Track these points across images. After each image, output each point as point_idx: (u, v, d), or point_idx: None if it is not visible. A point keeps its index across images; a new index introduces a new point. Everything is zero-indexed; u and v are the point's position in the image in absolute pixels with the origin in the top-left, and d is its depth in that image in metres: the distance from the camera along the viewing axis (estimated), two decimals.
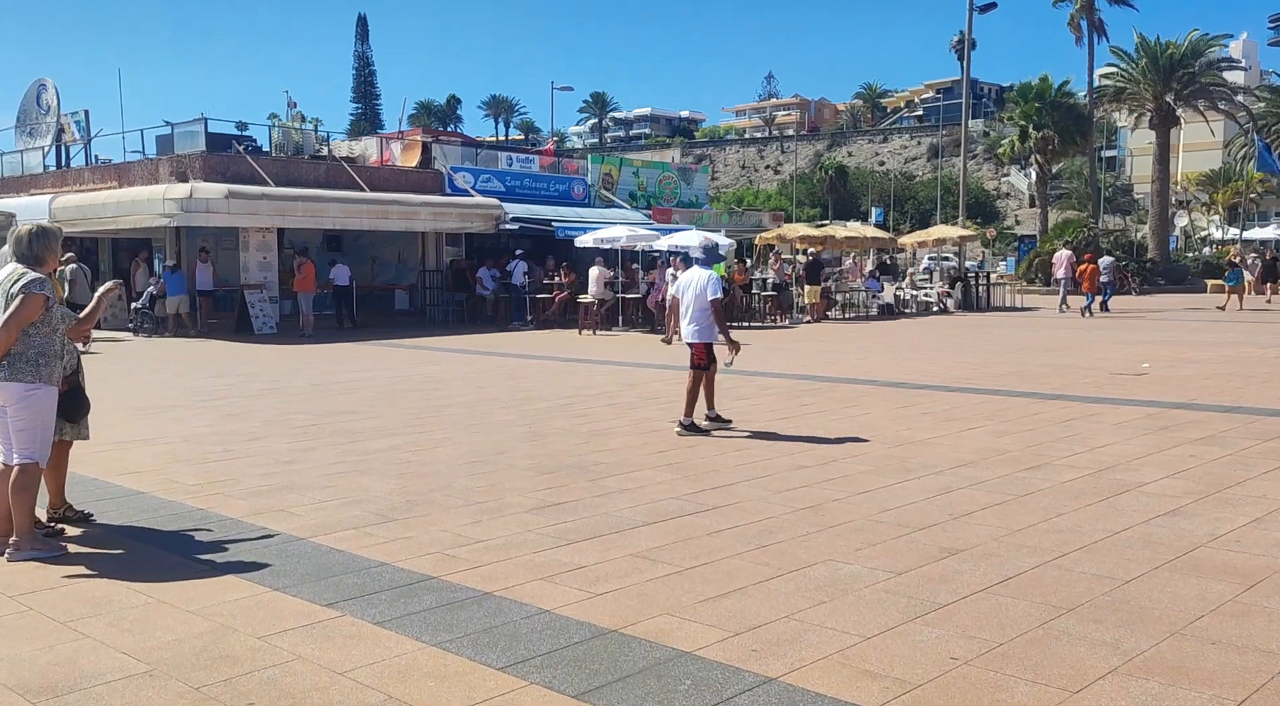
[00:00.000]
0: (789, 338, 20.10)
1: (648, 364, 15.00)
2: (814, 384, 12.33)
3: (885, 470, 7.22)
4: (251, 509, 6.29)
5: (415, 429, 9.38)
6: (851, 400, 10.84)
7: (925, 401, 10.66)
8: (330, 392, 12.08)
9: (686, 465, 7.54)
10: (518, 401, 11.15)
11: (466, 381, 13.14)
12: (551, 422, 9.61)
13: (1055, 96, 38.62)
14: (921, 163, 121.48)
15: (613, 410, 10.40)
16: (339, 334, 21.36)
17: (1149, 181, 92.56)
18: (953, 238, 29.99)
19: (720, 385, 11.83)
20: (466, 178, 26.14)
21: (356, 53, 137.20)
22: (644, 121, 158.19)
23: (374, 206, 22.50)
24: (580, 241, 22.94)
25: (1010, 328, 21.74)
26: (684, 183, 31.76)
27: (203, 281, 21.39)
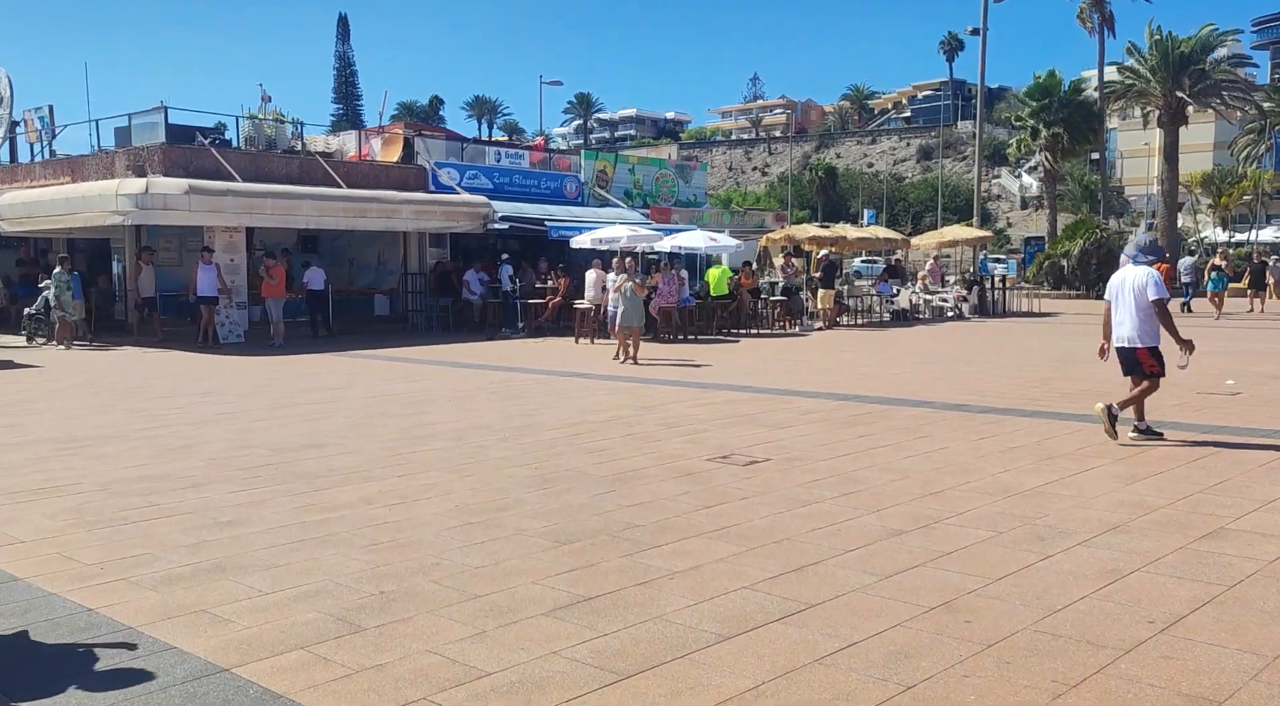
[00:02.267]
0: (806, 347, 18.42)
1: (658, 380, 13.27)
2: (859, 406, 10.63)
3: (1011, 537, 5.52)
4: (161, 608, 4.52)
5: (394, 470, 7.61)
6: (915, 428, 9.14)
7: (1003, 429, 8.97)
8: (295, 418, 10.28)
9: (746, 528, 5.81)
10: (516, 430, 9.39)
11: (453, 403, 11.37)
12: (561, 462, 7.86)
13: (1065, 94, 37.17)
14: (911, 164, 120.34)
15: (632, 443, 8.66)
16: (312, 343, 19.52)
17: (1142, 183, 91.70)
18: (965, 239, 28.43)
19: (751, 409, 10.16)
20: (452, 174, 24.34)
21: (337, 53, 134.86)
22: (629, 122, 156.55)
23: (351, 204, 20.67)
24: (576, 242, 21.20)
25: (1042, 335, 20.14)
26: (682, 180, 30.07)
27: (205, 286, 18.83)
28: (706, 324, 21.28)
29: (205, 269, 18.90)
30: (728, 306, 21.57)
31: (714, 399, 11.34)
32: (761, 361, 15.70)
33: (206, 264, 18.91)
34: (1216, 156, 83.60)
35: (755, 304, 22.47)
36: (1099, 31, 39.45)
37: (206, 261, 18.98)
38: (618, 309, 15.57)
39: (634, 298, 15.51)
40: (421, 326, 23.35)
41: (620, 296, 15.55)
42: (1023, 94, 38.13)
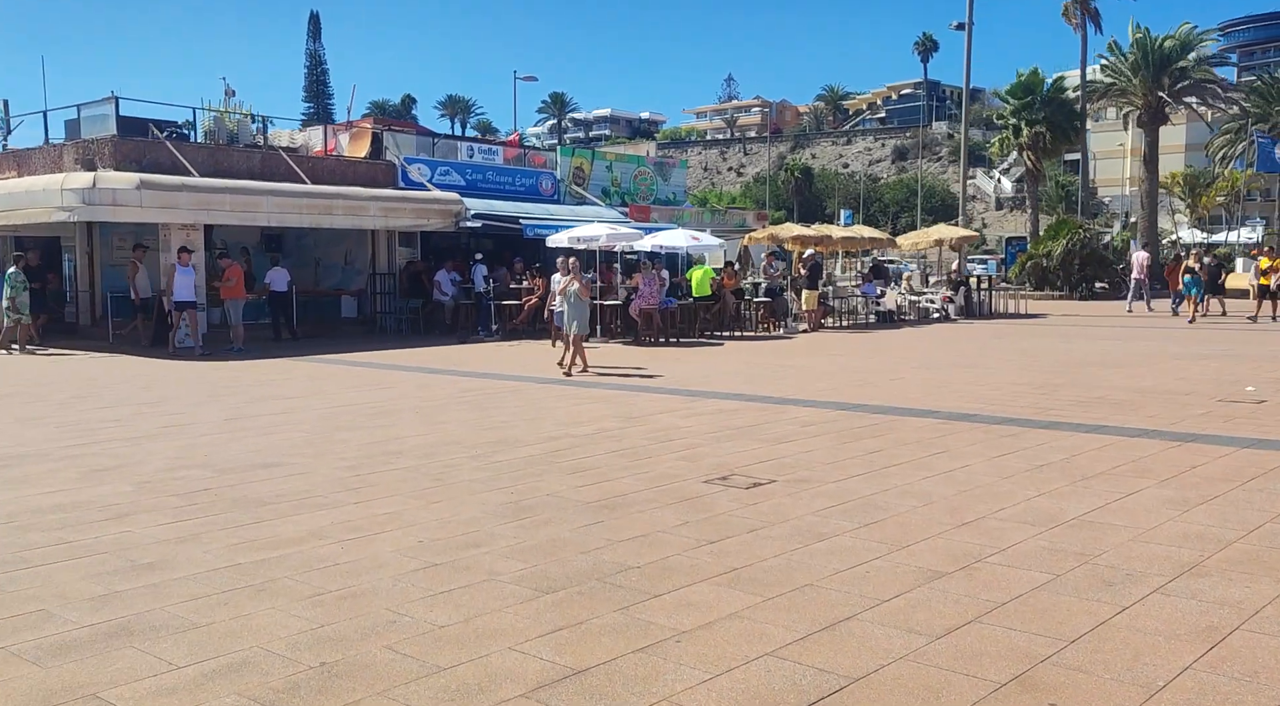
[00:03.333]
0: (793, 351, 17.63)
1: (643, 388, 12.41)
2: (862, 417, 9.82)
3: (1072, 582, 4.71)
4: (39, 692, 3.60)
5: (350, 495, 6.71)
6: (928, 442, 8.35)
7: (1025, 444, 8.19)
8: (245, 432, 9.32)
9: (758, 570, 4.97)
10: (489, 446, 8.50)
11: (422, 413, 10.45)
12: (540, 484, 6.99)
13: (1048, 92, 36.70)
14: (886, 165, 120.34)
15: (619, 460, 7.80)
16: (275, 347, 18.48)
17: (1115, 184, 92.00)
18: (951, 239, 27.80)
19: (746, 420, 9.28)
20: (422, 170, 23.34)
21: (308, 50, 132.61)
22: (604, 122, 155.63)
23: (315, 201, 19.64)
24: (553, 241, 20.29)
25: (1034, 338, 19.48)
26: (661, 178, 29.23)
27: (183, 290, 17.02)
28: (689, 326, 20.45)
29: (184, 271, 17.06)
30: (710, 308, 20.75)
31: (704, 408, 10.50)
32: (749, 366, 14.88)
33: (185, 265, 17.12)
34: (1189, 158, 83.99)
35: (738, 305, 21.67)
36: (1083, 28, 39.06)
37: (185, 263, 17.15)
38: (562, 314, 13.87)
39: (579, 302, 13.65)
40: (391, 329, 22.34)
41: (564, 300, 13.87)
42: (1005, 92, 37.59)
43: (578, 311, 13.59)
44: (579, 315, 13.59)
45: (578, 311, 13.59)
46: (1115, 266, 36.02)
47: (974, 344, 18.31)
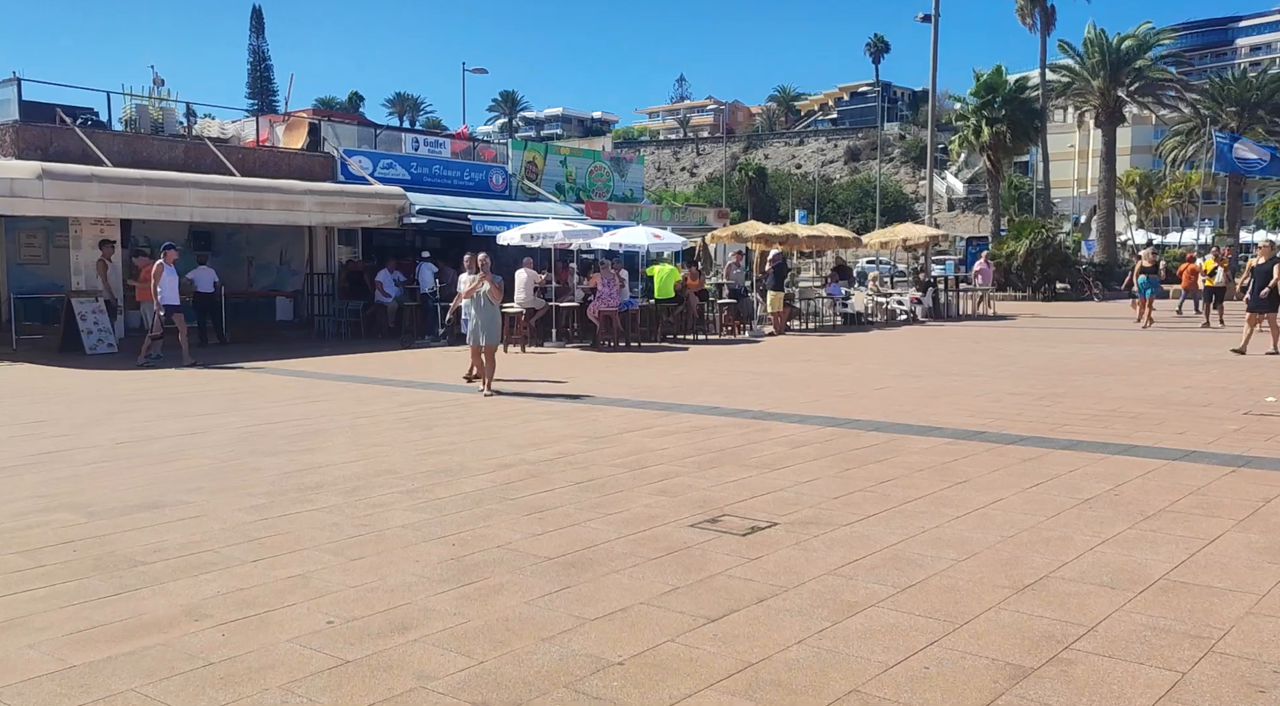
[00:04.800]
0: (763, 356, 16.47)
1: (607, 399, 11.12)
2: (858, 435, 8.65)
3: (1208, 684, 3.54)
4: None
5: (250, 548, 5.34)
6: (943, 468, 7.18)
7: (1054, 469, 7.07)
8: (137, 460, 7.87)
9: (782, 666, 3.73)
10: (430, 476, 7.16)
11: (355, 433, 9.06)
12: (490, 532, 5.68)
13: (1009, 91, 36.13)
14: (839, 165, 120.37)
15: (585, 496, 6.52)
16: (198, 354, 16.85)
17: (1067, 185, 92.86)
18: (919, 238, 26.93)
19: (728, 440, 7.93)
20: (363, 163, 21.81)
21: (251, 46, 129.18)
22: (556, 121, 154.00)
23: (245, 194, 18.04)
24: (504, 238, 18.92)
25: (1011, 341, 18.56)
26: (617, 174, 27.95)
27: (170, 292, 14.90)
28: (651, 329, 19.22)
29: (171, 271, 14.96)
30: (673, 310, 19.54)
31: (679, 425, 9.26)
32: (720, 374, 13.69)
33: (170, 264, 14.96)
34: (1135, 160, 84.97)
35: (702, 307, 20.49)
36: (1042, 29, 38.62)
37: (170, 261, 14.99)
38: (473, 320, 11.61)
39: (489, 306, 11.52)
40: (330, 333, 20.79)
41: (472, 303, 11.65)
42: (969, 91, 36.95)
43: (488, 317, 11.53)
44: (489, 322, 11.55)
45: (488, 317, 11.53)
46: (1077, 267, 35.58)
47: (951, 348, 17.32)
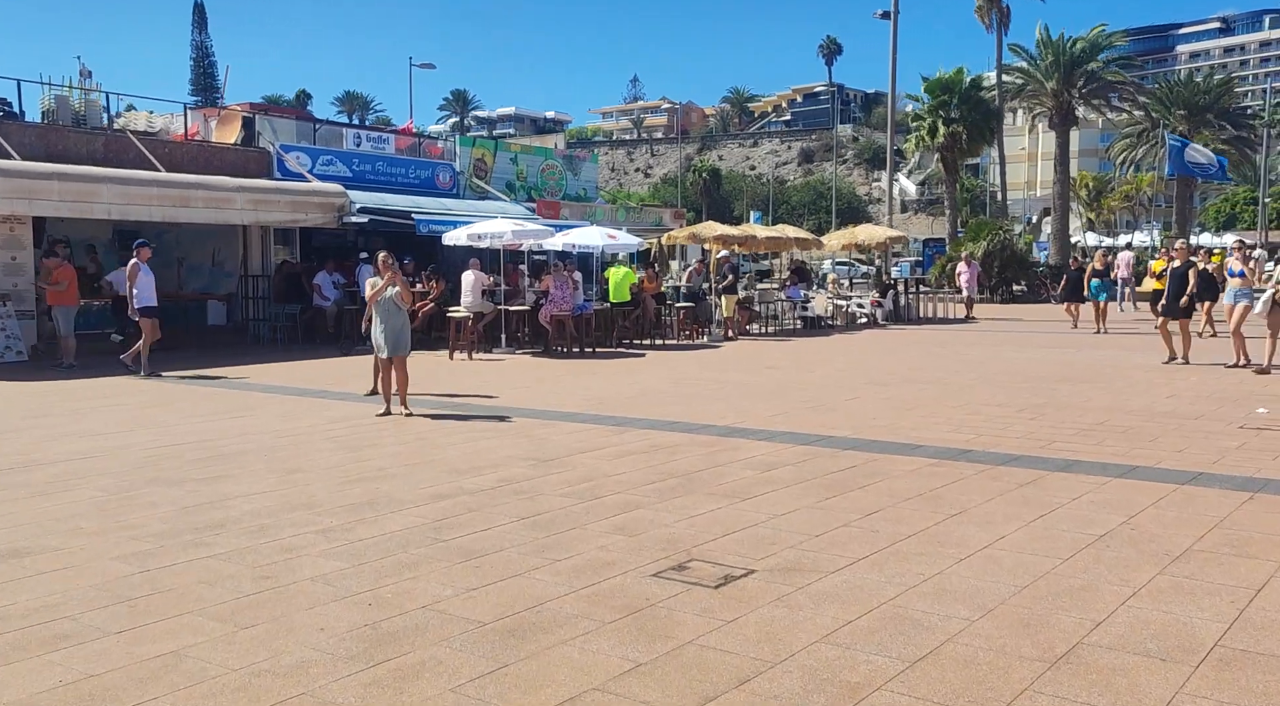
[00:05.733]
0: (723, 362, 15.70)
1: (559, 413, 10.24)
2: (833, 455, 7.88)
3: None
4: None
5: (120, 613, 4.39)
6: (933, 496, 6.43)
7: (1055, 495, 6.34)
8: (15, 491, 6.82)
9: None
10: (352, 510, 6.24)
11: (274, 455, 8.08)
12: (417, 587, 4.78)
13: (965, 90, 35.87)
14: (793, 167, 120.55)
15: (530, 536, 5.64)
16: (117, 363, 15.62)
17: (1018, 187, 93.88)
18: (879, 239, 26.41)
19: (690, 461, 6.85)
20: (301, 159, 20.65)
21: (194, 42, 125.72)
22: (508, 121, 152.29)
23: (169, 191, 16.82)
24: (450, 238, 17.94)
25: (980, 346, 18.02)
26: (570, 173, 27.04)
27: (147, 293, 13.91)
28: (606, 334, 18.37)
29: (146, 270, 13.96)
30: (629, 314, 18.70)
31: (637, 443, 8.42)
32: (679, 382, 12.88)
33: (144, 263, 13.93)
34: (1082, 163, 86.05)
35: (659, 311, 19.69)
36: (997, 29, 38.48)
37: (144, 259, 13.94)
38: (378, 324, 10.09)
39: (398, 312, 10.08)
40: (264, 338, 19.60)
41: (377, 308, 10.10)
42: (922, 89, 36.60)
43: (396, 325, 10.07)
44: (398, 331, 10.09)
45: (396, 325, 10.07)
46: (1034, 269, 35.43)
47: (917, 353, 16.70)
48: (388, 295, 10.01)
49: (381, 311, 10.03)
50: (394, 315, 10.05)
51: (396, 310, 10.06)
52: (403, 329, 10.16)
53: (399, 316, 10.11)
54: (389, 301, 10.02)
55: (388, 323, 10.02)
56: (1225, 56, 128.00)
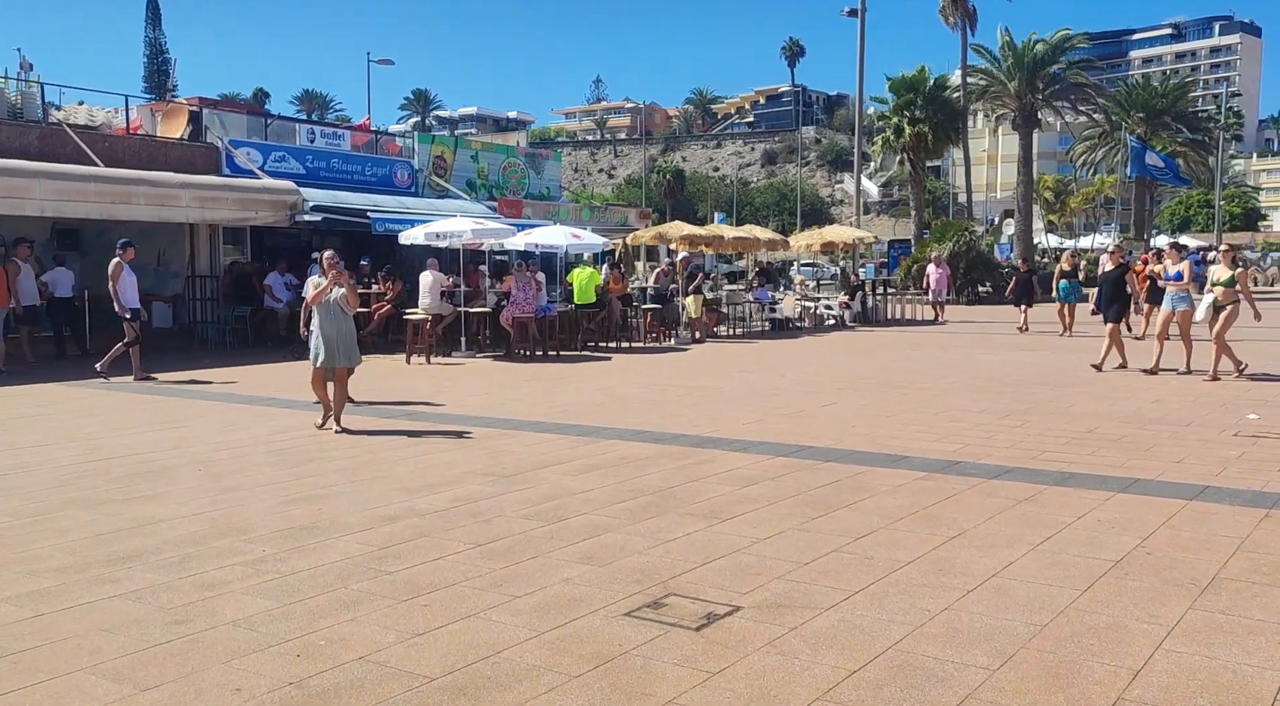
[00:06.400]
0: (693, 367, 15.16)
1: (520, 422, 9.63)
2: (815, 468, 7.36)
3: None
4: None
5: (4, 668, 3.73)
6: (928, 515, 5.92)
7: (1058, 513, 5.86)
8: None
9: None
10: (289, 536, 5.60)
11: (209, 471, 7.39)
12: (351, 631, 4.17)
13: (930, 90, 35.74)
14: (756, 168, 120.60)
15: (487, 567, 5.05)
16: (54, 368, 14.75)
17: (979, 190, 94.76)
18: (846, 240, 26.07)
19: (663, 476, 6.08)
20: (252, 155, 19.82)
21: (147, 39, 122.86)
22: (470, 121, 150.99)
23: (108, 187, 15.94)
24: (406, 237, 17.23)
25: (950, 348, 17.67)
26: (533, 171, 26.39)
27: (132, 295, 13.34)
28: (570, 337, 17.77)
29: (128, 270, 13.29)
30: (595, 316, 18.11)
31: (604, 456, 7.84)
32: (648, 388, 12.32)
33: (127, 262, 13.25)
34: (1041, 165, 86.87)
35: (625, 313, 19.12)
36: (962, 29, 38.44)
37: (128, 259, 13.26)
38: (319, 334, 9.02)
39: (342, 317, 9.08)
40: (213, 341, 18.75)
41: (320, 312, 9.05)
42: (887, 88, 36.43)
43: (340, 332, 9.05)
44: (343, 338, 9.07)
45: (340, 332, 9.05)
46: (999, 270, 35.35)
47: (890, 356, 16.30)
48: (332, 298, 9.02)
49: (325, 315, 9.04)
50: (339, 320, 9.08)
51: (342, 315, 9.10)
52: (350, 335, 9.24)
53: (345, 322, 9.15)
54: (333, 305, 9.03)
55: (332, 328, 9.03)
56: (1177, 62, 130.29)
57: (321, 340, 9.00)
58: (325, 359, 9.00)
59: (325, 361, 9.00)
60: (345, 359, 9.14)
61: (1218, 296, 12.09)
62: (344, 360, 9.13)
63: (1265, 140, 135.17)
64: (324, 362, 9.01)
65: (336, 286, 9.02)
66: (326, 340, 8.99)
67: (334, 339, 9.03)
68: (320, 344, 9.00)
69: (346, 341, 9.15)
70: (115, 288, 13.18)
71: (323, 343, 8.99)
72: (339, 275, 9.03)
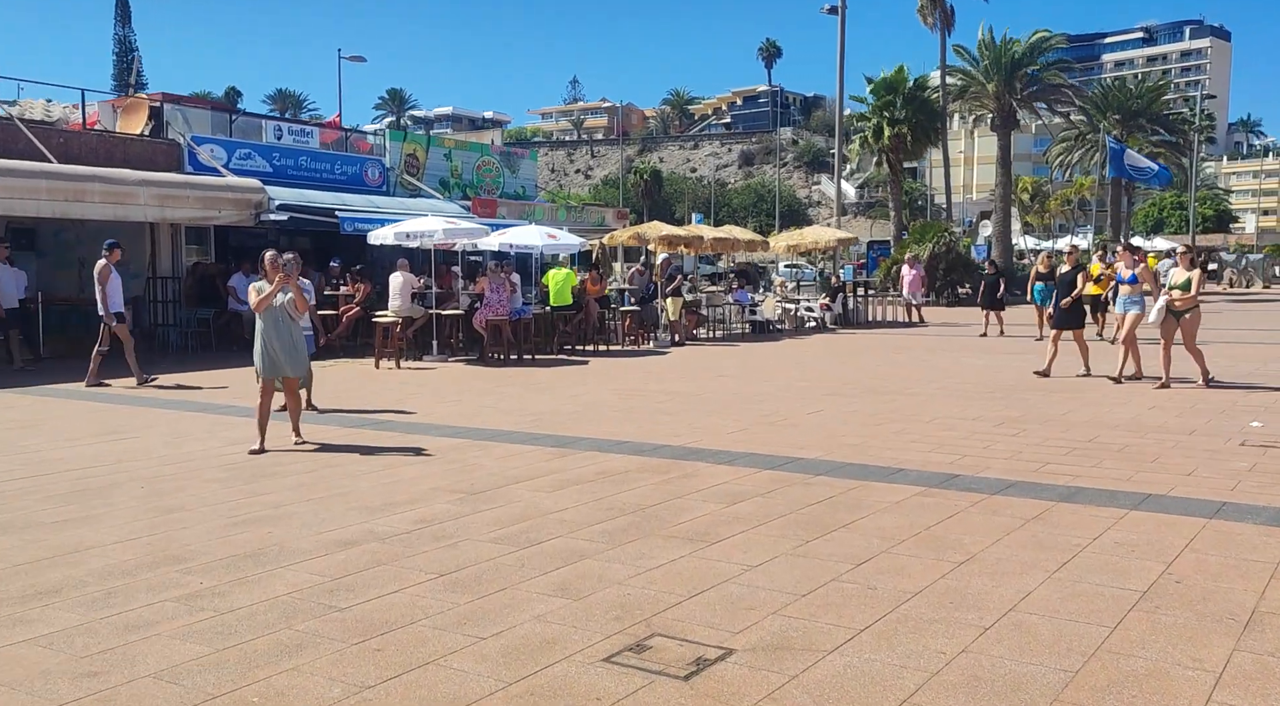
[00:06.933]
0: (673, 371, 14.69)
1: (492, 432, 9.11)
2: (806, 482, 6.90)
3: None
4: None
5: None
6: (925, 533, 5.46)
7: (1071, 535, 5.43)
8: None
9: None
10: (233, 566, 5.06)
11: (151, 489, 6.83)
12: (297, 681, 3.65)
13: (910, 89, 35.48)
14: (733, 170, 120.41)
15: (452, 602, 4.54)
16: (1, 375, 14.06)
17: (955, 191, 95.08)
18: (827, 241, 25.70)
19: (642, 493, 5.49)
20: (216, 152, 19.15)
21: (116, 36, 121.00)
22: (445, 121, 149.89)
23: (61, 183, 15.25)
24: (375, 236, 16.64)
25: (937, 351, 17.31)
26: (508, 170, 25.83)
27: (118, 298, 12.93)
28: (546, 340, 17.24)
29: (118, 275, 12.92)
30: (571, 318, 17.60)
31: (580, 470, 7.34)
32: (627, 395, 11.83)
33: (114, 264, 12.85)
34: (1016, 167, 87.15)
35: (602, 315, 18.62)
36: (941, 29, 38.23)
37: (115, 260, 12.87)
38: (263, 342, 8.23)
39: (290, 323, 8.30)
40: (174, 345, 18.07)
41: (265, 319, 8.24)
42: (867, 89, 36.13)
43: (288, 340, 8.26)
44: (292, 347, 8.29)
45: (288, 340, 8.26)
46: (979, 271, 35.17)
47: (874, 360, 15.90)
48: (278, 303, 8.20)
49: (271, 322, 8.20)
50: (288, 327, 8.28)
51: (291, 321, 8.31)
52: (300, 343, 8.46)
53: (294, 328, 8.35)
54: (280, 310, 8.21)
55: (279, 337, 8.20)
56: (1148, 65, 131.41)
57: (266, 350, 8.23)
58: (270, 369, 8.25)
59: (270, 372, 8.26)
60: (294, 368, 8.37)
61: (1174, 299, 11.37)
62: (293, 370, 8.36)
63: (1234, 143, 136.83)
64: (269, 373, 8.27)
65: (282, 290, 8.24)
66: (273, 350, 8.21)
67: (281, 348, 8.21)
68: (264, 353, 8.24)
69: (295, 350, 8.36)
70: (104, 290, 12.74)
71: (267, 352, 8.23)
72: (285, 278, 8.22)
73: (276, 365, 8.23)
